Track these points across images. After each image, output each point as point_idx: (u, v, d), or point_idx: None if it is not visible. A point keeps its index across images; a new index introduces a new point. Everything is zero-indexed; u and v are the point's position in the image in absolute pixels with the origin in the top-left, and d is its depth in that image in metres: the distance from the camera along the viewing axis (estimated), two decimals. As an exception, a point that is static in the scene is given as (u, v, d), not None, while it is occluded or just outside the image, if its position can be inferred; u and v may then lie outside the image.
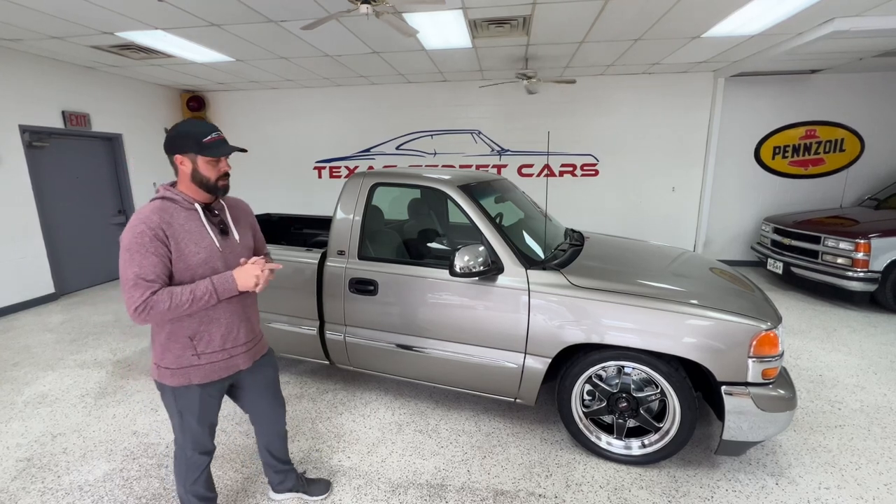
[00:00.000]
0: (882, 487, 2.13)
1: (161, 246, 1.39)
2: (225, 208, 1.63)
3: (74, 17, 3.79)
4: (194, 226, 1.49)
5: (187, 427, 1.61)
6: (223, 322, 1.57)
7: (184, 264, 1.44)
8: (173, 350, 1.51)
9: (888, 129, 6.06)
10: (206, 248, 1.50)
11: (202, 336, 1.53)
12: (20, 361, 3.62)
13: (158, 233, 1.39)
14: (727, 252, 6.74)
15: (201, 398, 1.58)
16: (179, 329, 1.50)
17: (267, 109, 7.23)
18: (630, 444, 2.29)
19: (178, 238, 1.44)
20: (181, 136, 1.47)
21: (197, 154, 1.46)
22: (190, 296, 1.41)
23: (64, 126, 5.29)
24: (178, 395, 1.56)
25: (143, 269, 1.36)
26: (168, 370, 1.52)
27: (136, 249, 1.36)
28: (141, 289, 1.35)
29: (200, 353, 1.53)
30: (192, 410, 1.59)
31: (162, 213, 1.43)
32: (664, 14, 3.85)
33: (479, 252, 2.24)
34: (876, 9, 3.71)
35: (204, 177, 1.49)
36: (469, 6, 3.64)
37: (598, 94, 6.44)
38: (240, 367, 1.65)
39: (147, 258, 1.37)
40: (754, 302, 2.27)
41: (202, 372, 1.55)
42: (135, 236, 1.37)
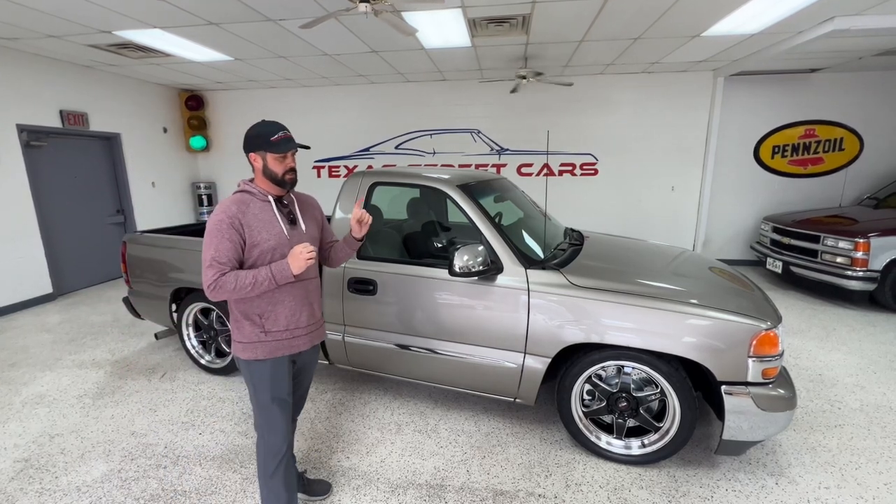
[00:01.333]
0: (882, 487, 2.13)
1: (235, 234, 1.58)
2: (294, 201, 1.80)
3: (72, 15, 3.78)
4: (267, 216, 1.66)
5: (261, 403, 1.73)
6: (287, 304, 1.72)
7: (257, 250, 1.62)
8: (245, 327, 1.68)
9: (887, 129, 6.07)
10: (276, 235, 1.66)
11: (269, 315, 1.68)
12: (18, 362, 3.60)
13: (234, 222, 1.57)
14: (726, 251, 6.74)
15: (271, 372, 1.71)
16: (250, 308, 1.67)
17: (265, 109, 7.21)
18: (630, 443, 2.29)
19: (252, 226, 1.61)
20: (255, 136, 1.64)
21: (266, 151, 1.63)
22: (252, 280, 1.56)
23: (62, 125, 5.27)
24: (251, 369, 1.70)
25: (219, 252, 1.55)
26: (241, 344, 1.69)
27: (214, 234, 1.55)
28: (214, 269, 1.54)
29: (267, 330, 1.68)
30: (264, 384, 1.71)
31: (240, 205, 1.62)
32: (664, 13, 3.85)
33: (479, 252, 2.23)
34: (875, 8, 3.71)
35: (272, 171, 1.65)
36: (468, 5, 3.63)
37: (598, 93, 6.43)
38: (301, 349, 1.78)
39: (223, 243, 1.55)
40: (754, 301, 2.26)
41: (268, 348, 1.69)
42: (215, 223, 1.56)
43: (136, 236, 3.43)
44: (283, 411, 1.76)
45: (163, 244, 3.26)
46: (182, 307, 3.27)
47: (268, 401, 1.73)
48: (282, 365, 1.74)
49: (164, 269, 3.24)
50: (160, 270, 3.27)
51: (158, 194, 6.80)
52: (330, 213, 2.83)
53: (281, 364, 1.74)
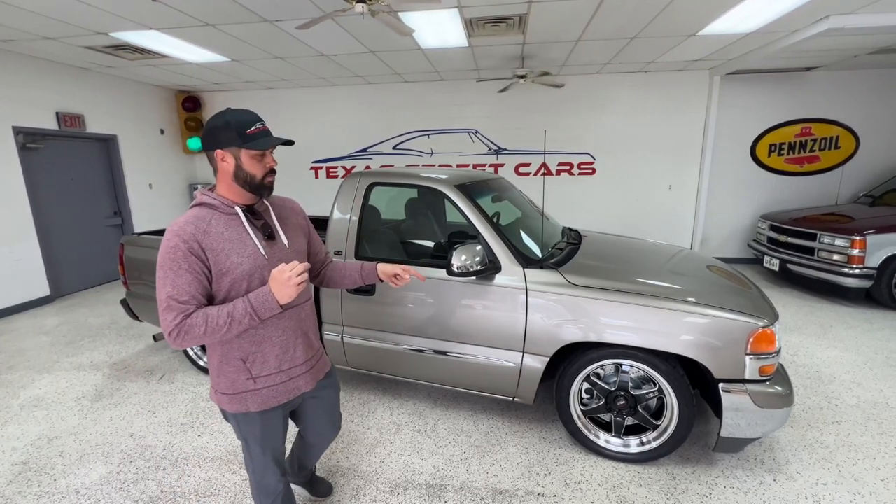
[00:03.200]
0: (879, 483, 2.14)
1: (196, 261, 1.22)
2: (269, 209, 1.44)
3: (68, 17, 3.77)
4: (235, 233, 1.30)
5: (253, 454, 1.49)
6: (276, 341, 1.39)
7: (227, 278, 1.26)
8: (227, 374, 1.36)
9: (883, 126, 6.10)
10: (250, 257, 1.30)
11: (255, 358, 1.36)
12: (15, 364, 3.59)
13: (193, 246, 1.22)
14: (724, 249, 6.76)
15: (263, 425, 1.43)
16: (230, 351, 1.35)
17: (263, 110, 7.13)
18: (628, 441, 2.30)
19: (217, 249, 1.25)
20: (222, 127, 1.27)
21: (240, 147, 1.28)
22: (227, 318, 1.21)
23: (58, 127, 5.26)
24: (239, 422, 1.42)
25: (176, 288, 1.20)
26: (225, 395, 1.38)
27: (168, 266, 1.20)
28: (173, 312, 1.19)
29: (255, 376, 1.37)
30: (255, 438, 1.44)
31: (197, 223, 1.26)
32: (660, 12, 3.86)
33: (477, 251, 2.24)
34: (870, 6, 3.72)
35: (249, 174, 1.30)
36: (465, 5, 3.64)
37: (595, 92, 6.45)
38: (302, 390, 1.48)
39: (180, 276, 1.20)
40: (751, 299, 2.27)
41: (259, 398, 1.38)
42: (167, 251, 1.22)
43: (133, 238, 3.42)
44: (279, 459, 1.54)
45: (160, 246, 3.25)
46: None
47: (260, 454, 1.47)
48: (276, 417, 1.45)
49: (162, 270, 3.23)
50: (158, 272, 3.26)
51: (156, 196, 6.78)
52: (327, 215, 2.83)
53: (274, 414, 1.44)
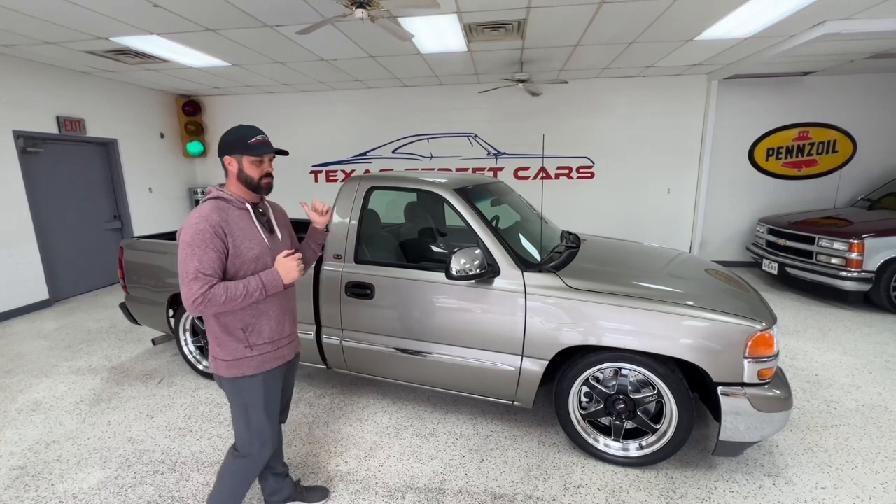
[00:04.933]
0: (878, 486, 2.14)
1: (220, 242, 1.49)
2: (269, 209, 1.76)
3: (69, 22, 3.79)
4: (246, 224, 1.59)
5: (253, 419, 1.66)
6: (273, 315, 1.66)
7: (240, 260, 1.54)
8: (227, 343, 1.59)
9: (880, 130, 6.13)
10: (258, 244, 1.60)
11: (253, 328, 1.61)
12: (13, 369, 3.58)
13: (218, 230, 1.48)
14: (722, 253, 6.78)
15: (265, 386, 1.65)
16: (233, 322, 1.58)
17: (263, 114, 7.23)
18: (627, 445, 2.30)
19: (235, 235, 1.53)
20: (232, 140, 1.59)
21: (242, 154, 1.58)
22: (243, 290, 1.49)
23: (59, 131, 5.27)
24: (240, 387, 1.62)
25: (203, 263, 1.44)
26: (224, 362, 1.60)
27: (197, 244, 1.45)
28: (200, 282, 1.43)
29: (252, 345, 1.61)
30: (256, 401, 1.65)
31: (220, 212, 1.53)
32: (657, 17, 3.88)
33: (476, 255, 2.24)
34: (866, 11, 3.75)
35: (248, 176, 1.60)
36: (464, 10, 3.66)
37: (593, 96, 6.48)
38: (287, 359, 1.74)
39: (207, 253, 1.45)
40: (749, 302, 2.28)
41: (254, 363, 1.62)
42: (196, 232, 1.45)
43: (132, 242, 3.43)
44: (275, 423, 1.74)
45: (159, 250, 3.26)
46: (179, 312, 3.26)
47: (262, 416, 1.67)
48: (276, 377, 1.70)
49: (161, 274, 3.23)
50: (157, 276, 3.26)
51: (155, 200, 6.79)
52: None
53: (275, 377, 1.70)
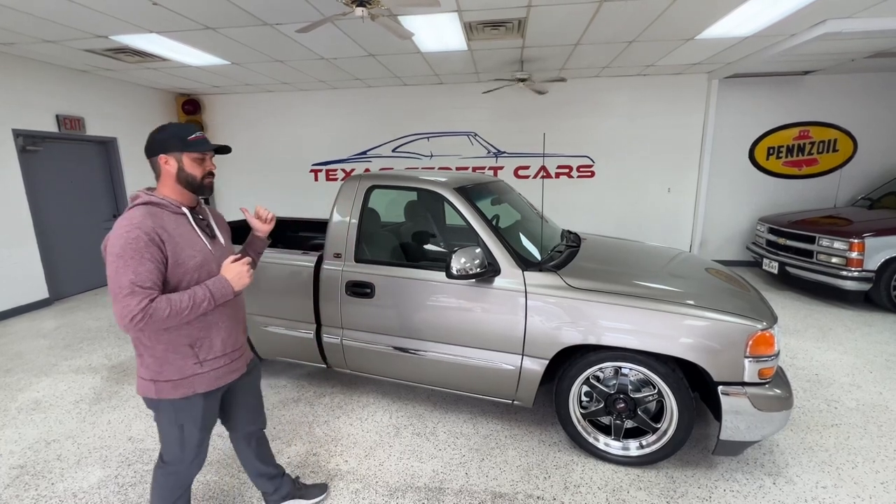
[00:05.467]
0: (878, 486, 2.14)
1: (157, 251, 1.35)
2: (209, 213, 1.63)
3: (68, 20, 3.78)
4: (185, 230, 1.46)
5: (188, 440, 1.54)
6: (223, 326, 1.54)
7: (181, 269, 1.41)
8: (174, 361, 1.45)
9: (880, 130, 6.12)
10: (200, 251, 1.47)
11: (203, 343, 1.49)
12: (13, 368, 3.58)
13: (154, 237, 1.34)
14: (723, 252, 6.77)
15: (205, 406, 1.54)
16: (178, 338, 1.44)
17: (262, 112, 7.22)
18: (628, 444, 2.29)
19: (174, 242, 1.40)
20: (167, 137, 1.45)
21: (182, 152, 1.45)
22: (189, 302, 1.37)
23: (58, 130, 5.26)
24: (179, 408, 1.49)
25: (139, 275, 1.30)
26: (170, 383, 1.45)
27: (130, 255, 1.30)
28: (138, 297, 1.28)
29: (203, 360, 1.49)
30: (195, 420, 1.53)
31: (153, 217, 1.39)
32: (658, 16, 3.88)
33: (476, 254, 2.24)
34: (867, 10, 3.75)
35: (190, 175, 1.47)
36: (464, 8, 3.66)
37: (594, 95, 6.47)
38: (241, 372, 1.64)
39: (143, 264, 1.31)
40: (750, 302, 2.28)
41: (206, 379, 1.51)
42: (129, 242, 1.31)
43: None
44: (208, 438, 1.62)
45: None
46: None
47: (198, 437, 1.55)
48: (216, 398, 1.58)
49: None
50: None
51: (155, 198, 6.77)
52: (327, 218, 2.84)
53: (215, 398, 1.58)
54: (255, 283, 2.89)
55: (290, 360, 3.01)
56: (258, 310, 2.92)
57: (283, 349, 2.96)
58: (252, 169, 7.47)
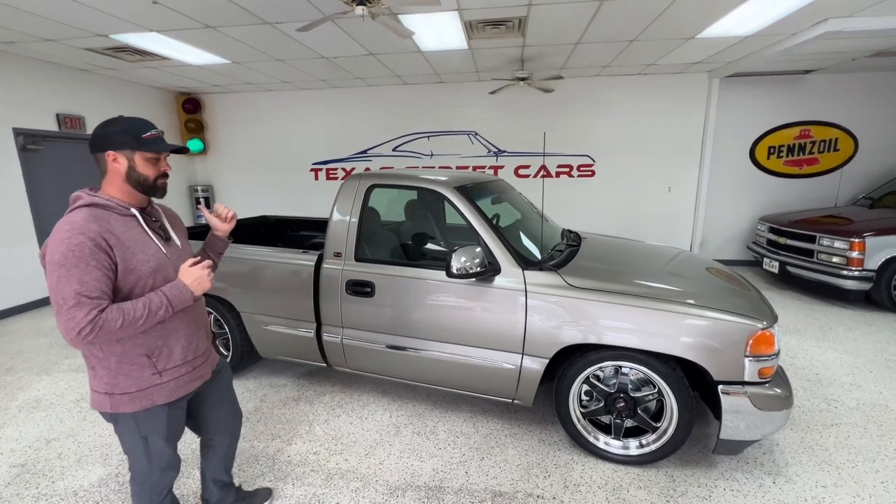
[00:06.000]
0: (878, 485, 2.14)
1: (105, 257, 1.24)
2: (162, 213, 1.53)
3: (68, 19, 3.78)
4: (135, 233, 1.35)
5: (154, 450, 1.46)
6: (182, 333, 1.44)
7: (133, 276, 1.30)
8: (129, 373, 1.35)
9: (881, 129, 6.11)
10: (154, 255, 1.37)
11: (161, 352, 1.39)
12: (14, 366, 3.59)
13: (101, 242, 1.23)
14: (723, 252, 6.77)
15: (169, 417, 1.45)
16: (133, 349, 1.34)
17: (263, 111, 7.22)
18: (628, 444, 2.29)
19: (123, 247, 1.29)
20: (118, 132, 1.32)
21: (135, 150, 1.33)
22: (144, 310, 1.26)
23: (58, 129, 5.26)
24: (140, 420, 1.40)
25: (85, 285, 1.19)
26: (126, 395, 1.35)
27: (74, 264, 1.19)
28: (85, 308, 1.18)
29: (162, 370, 1.39)
30: (159, 432, 1.44)
31: (99, 221, 1.27)
32: (659, 15, 3.87)
33: (476, 253, 2.24)
34: (868, 9, 3.74)
35: (142, 175, 1.36)
36: (465, 7, 3.65)
37: (594, 94, 6.46)
38: (206, 378, 1.56)
39: (89, 272, 1.20)
40: (750, 301, 2.28)
41: (167, 390, 1.41)
42: (70, 249, 1.19)
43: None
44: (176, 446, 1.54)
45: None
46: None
47: (164, 447, 1.47)
48: (181, 407, 1.50)
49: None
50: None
51: (155, 197, 6.77)
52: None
53: (180, 404, 1.48)
54: (255, 283, 2.90)
55: (291, 359, 3.01)
56: (258, 309, 2.93)
57: (283, 348, 2.96)
58: (252, 168, 7.47)
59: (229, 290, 2.97)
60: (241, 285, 2.94)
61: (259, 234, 4.38)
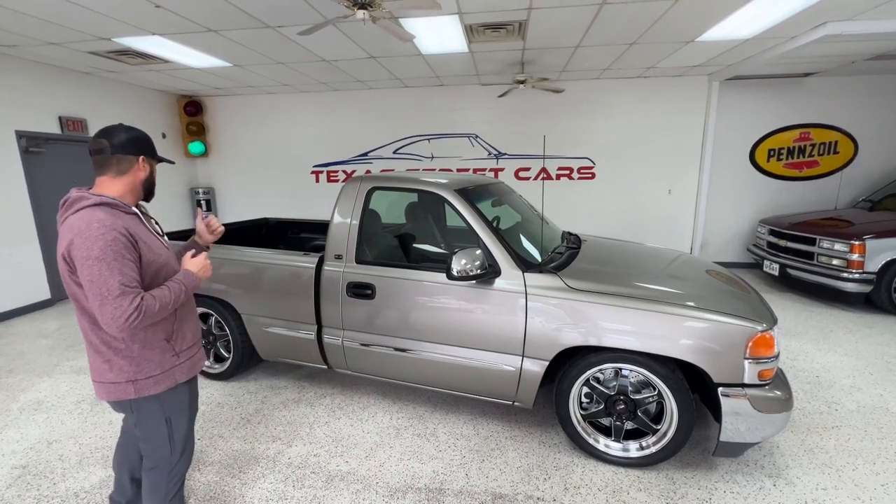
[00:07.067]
0: (879, 488, 2.14)
1: (134, 251, 1.37)
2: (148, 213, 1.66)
3: (71, 23, 3.80)
4: (143, 230, 1.47)
5: (176, 432, 1.59)
6: (190, 318, 1.63)
7: (153, 266, 1.44)
8: (152, 357, 1.47)
9: (881, 131, 6.12)
10: (161, 248, 1.52)
11: (177, 335, 1.54)
12: (15, 368, 3.59)
13: (129, 237, 1.36)
14: (723, 254, 6.77)
15: (190, 392, 1.63)
16: (155, 333, 1.47)
17: (264, 114, 7.24)
18: (628, 446, 2.30)
19: (142, 242, 1.41)
20: (147, 140, 1.51)
21: (154, 160, 1.54)
22: (171, 295, 1.41)
23: (61, 132, 5.29)
24: (165, 401, 1.52)
25: (126, 276, 1.31)
26: (151, 379, 1.47)
27: (113, 257, 1.30)
28: (129, 296, 1.30)
29: (179, 351, 1.55)
30: (182, 409, 1.60)
31: (121, 219, 1.38)
32: (658, 18, 3.89)
33: (476, 255, 2.25)
34: (867, 13, 3.75)
35: (152, 181, 1.56)
36: (465, 11, 3.67)
37: (594, 97, 6.48)
38: (204, 360, 1.73)
39: (126, 265, 1.32)
40: (750, 303, 2.28)
41: (185, 368, 1.57)
42: (108, 243, 1.30)
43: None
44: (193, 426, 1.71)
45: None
46: (181, 312, 3.27)
47: (185, 425, 1.61)
48: (195, 382, 1.70)
49: (163, 274, 3.24)
50: (159, 276, 3.26)
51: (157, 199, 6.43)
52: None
53: (195, 383, 1.69)
54: (256, 285, 2.91)
55: (292, 361, 3.02)
56: (259, 311, 2.93)
57: (284, 350, 2.96)
58: (253, 170, 7.49)
59: (230, 292, 2.98)
60: (243, 287, 2.95)
61: (260, 237, 4.40)
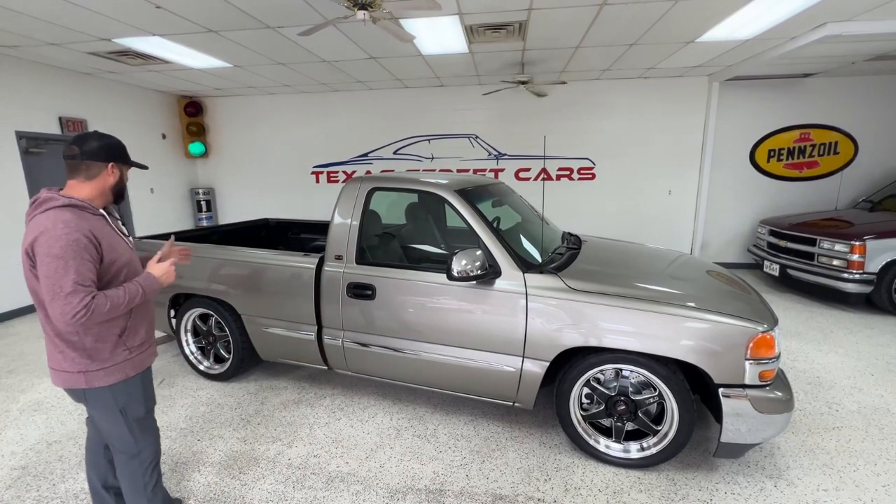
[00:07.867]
0: (880, 489, 2.13)
1: (94, 251, 1.43)
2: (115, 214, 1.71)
3: (72, 24, 3.80)
4: (108, 231, 1.54)
5: (134, 421, 1.64)
6: (146, 317, 1.70)
7: (115, 267, 1.51)
8: (103, 351, 1.54)
9: (881, 132, 6.12)
10: (125, 249, 1.58)
11: (130, 332, 1.61)
12: (15, 368, 3.59)
13: (92, 238, 1.43)
14: (724, 255, 6.77)
15: (143, 381, 1.67)
16: (109, 328, 1.54)
17: (264, 114, 7.25)
18: (628, 447, 2.29)
19: (105, 243, 1.48)
20: (117, 146, 1.58)
21: (125, 164, 1.61)
22: (125, 296, 1.48)
23: (61, 132, 5.29)
24: (116, 393, 1.58)
25: (81, 275, 1.38)
26: (101, 371, 1.54)
27: (72, 256, 1.37)
28: (80, 294, 1.36)
29: (130, 347, 1.61)
30: (136, 400, 1.64)
31: (86, 220, 1.45)
32: (658, 19, 3.89)
33: (477, 256, 2.24)
34: (867, 13, 3.75)
35: (123, 186, 1.63)
36: (465, 12, 3.67)
37: (595, 98, 6.48)
38: (155, 357, 1.78)
39: (83, 264, 1.39)
40: (751, 304, 2.28)
41: (134, 363, 1.63)
42: (69, 243, 1.37)
43: (134, 242, 3.43)
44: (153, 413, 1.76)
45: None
46: (180, 313, 3.27)
47: (143, 413, 1.68)
48: (149, 373, 1.75)
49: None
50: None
51: (157, 200, 6.80)
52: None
53: (149, 373, 1.74)
54: (256, 285, 2.91)
55: (292, 362, 3.02)
56: (259, 311, 2.93)
57: (284, 351, 2.96)
58: (253, 171, 7.49)
59: (230, 293, 2.98)
60: (242, 288, 2.95)
61: (260, 237, 4.40)
